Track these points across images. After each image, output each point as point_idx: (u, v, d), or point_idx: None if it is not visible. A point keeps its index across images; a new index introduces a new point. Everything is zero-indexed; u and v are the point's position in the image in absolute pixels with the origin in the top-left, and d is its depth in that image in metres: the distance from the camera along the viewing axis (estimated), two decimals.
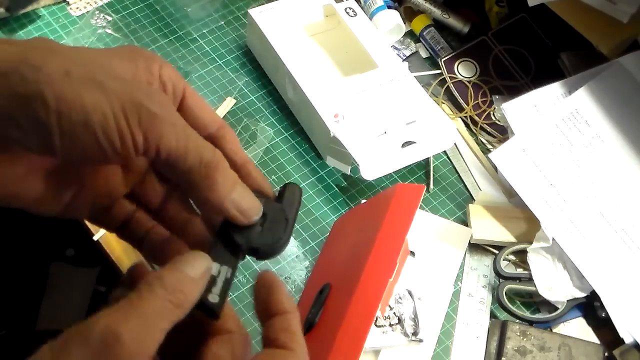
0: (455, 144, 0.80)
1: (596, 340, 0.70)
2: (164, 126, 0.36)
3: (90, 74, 0.35)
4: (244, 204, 0.40)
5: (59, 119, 0.34)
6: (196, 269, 0.38)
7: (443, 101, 0.86)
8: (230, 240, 0.41)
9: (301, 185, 0.77)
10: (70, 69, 0.35)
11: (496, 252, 0.73)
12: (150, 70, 0.39)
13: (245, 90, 0.83)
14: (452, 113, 0.85)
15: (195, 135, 0.38)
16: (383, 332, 0.66)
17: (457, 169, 0.81)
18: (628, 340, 0.68)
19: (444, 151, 0.81)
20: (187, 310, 0.36)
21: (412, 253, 0.72)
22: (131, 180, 0.43)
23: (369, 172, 0.73)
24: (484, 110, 0.85)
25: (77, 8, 0.85)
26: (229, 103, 0.81)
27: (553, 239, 0.71)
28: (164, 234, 0.43)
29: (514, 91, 0.85)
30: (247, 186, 0.40)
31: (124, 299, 0.35)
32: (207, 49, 0.86)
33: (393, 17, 0.87)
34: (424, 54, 0.90)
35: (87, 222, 0.72)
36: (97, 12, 0.84)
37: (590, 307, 0.71)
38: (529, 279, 0.71)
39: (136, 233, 0.44)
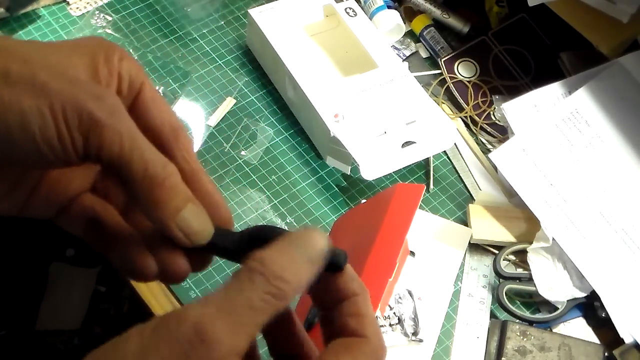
0: (455, 144, 0.80)
1: (596, 340, 0.70)
2: (106, 133, 0.34)
3: (31, 74, 0.34)
4: (192, 227, 0.36)
5: None
6: (309, 251, 0.34)
7: (443, 101, 0.86)
8: None
9: (301, 185, 0.77)
10: (10, 69, 0.33)
11: (496, 252, 0.73)
12: (110, 63, 0.37)
13: (245, 90, 0.83)
14: (452, 113, 0.85)
15: (144, 146, 0.35)
16: (383, 332, 0.66)
17: (457, 169, 0.81)
18: (628, 340, 0.68)
19: (444, 151, 0.81)
20: (290, 300, 0.33)
21: (412, 253, 0.72)
22: (90, 175, 0.40)
23: (369, 172, 0.73)
24: (484, 110, 0.85)
25: (77, 8, 0.85)
26: (229, 103, 0.81)
27: (553, 239, 0.71)
28: (135, 245, 0.38)
29: (514, 91, 0.85)
30: (200, 205, 0.37)
31: (221, 287, 0.33)
32: (207, 49, 0.86)
33: (393, 17, 0.87)
34: (424, 54, 0.90)
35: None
36: (97, 12, 0.84)
37: (590, 307, 0.71)
38: (529, 279, 0.71)
39: (104, 238, 0.39)
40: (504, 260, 0.72)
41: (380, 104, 0.77)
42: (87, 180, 0.40)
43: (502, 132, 0.83)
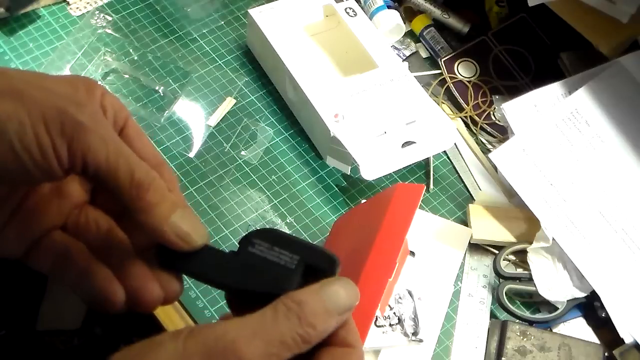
0: (455, 144, 0.80)
1: (596, 340, 0.70)
2: (91, 137, 0.33)
3: (7, 83, 0.32)
4: (184, 228, 0.36)
5: None
6: (340, 304, 0.35)
7: (443, 101, 0.86)
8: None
9: (301, 185, 0.77)
10: None
11: (496, 252, 0.73)
12: (91, 94, 0.36)
13: (245, 90, 0.83)
14: (452, 113, 0.85)
15: (128, 152, 0.34)
16: (383, 332, 0.66)
17: (457, 169, 0.81)
18: (628, 340, 0.68)
19: (444, 151, 0.81)
20: (312, 345, 0.35)
21: (412, 253, 0.72)
22: (65, 209, 0.40)
23: (369, 172, 0.73)
24: (484, 110, 0.85)
25: (77, 8, 0.85)
26: (229, 103, 0.81)
27: (553, 239, 0.71)
28: (104, 280, 0.38)
29: (514, 91, 0.85)
30: (190, 209, 0.37)
31: (258, 314, 0.34)
32: (207, 49, 0.86)
33: (393, 17, 0.87)
34: (424, 54, 0.90)
35: None
36: (97, 12, 0.84)
37: (590, 307, 0.71)
38: (529, 279, 0.71)
39: (72, 274, 0.38)
40: (504, 260, 0.72)
41: (380, 104, 0.77)
42: (60, 216, 0.39)
43: (502, 132, 0.83)
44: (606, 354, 0.67)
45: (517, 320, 0.69)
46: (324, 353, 0.36)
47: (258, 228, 0.40)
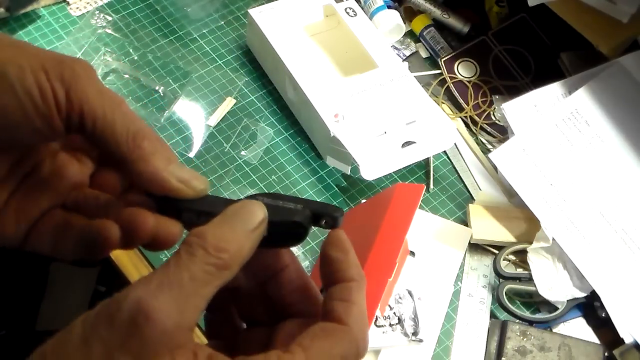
0: (455, 144, 0.80)
1: (596, 340, 0.70)
2: (89, 88, 0.33)
3: (6, 39, 0.34)
4: (184, 175, 0.36)
5: None
6: (248, 221, 0.34)
7: (443, 101, 0.86)
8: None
9: (301, 185, 0.77)
10: None
11: (496, 252, 0.73)
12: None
13: (245, 90, 0.83)
14: (452, 113, 0.85)
15: (123, 105, 0.35)
16: (383, 332, 0.66)
17: (457, 169, 0.81)
18: (628, 340, 0.68)
19: (444, 151, 0.81)
20: (236, 269, 0.33)
21: (412, 253, 0.72)
22: (64, 189, 0.39)
23: (369, 172, 0.73)
24: (484, 110, 0.85)
25: (77, 8, 0.85)
26: (229, 103, 0.81)
27: (553, 239, 0.71)
28: (98, 223, 0.37)
29: (514, 91, 0.85)
30: (184, 165, 0.37)
31: (161, 265, 0.32)
32: (207, 49, 0.86)
33: (393, 17, 0.87)
34: (424, 54, 0.90)
35: None
36: (97, 12, 0.84)
37: (590, 307, 0.71)
38: (529, 279, 0.71)
39: (69, 242, 0.38)
40: (504, 260, 0.72)
41: (380, 104, 0.77)
42: (58, 196, 0.39)
43: (502, 132, 0.83)
44: (606, 354, 0.67)
45: (517, 320, 0.69)
46: (316, 326, 0.34)
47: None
